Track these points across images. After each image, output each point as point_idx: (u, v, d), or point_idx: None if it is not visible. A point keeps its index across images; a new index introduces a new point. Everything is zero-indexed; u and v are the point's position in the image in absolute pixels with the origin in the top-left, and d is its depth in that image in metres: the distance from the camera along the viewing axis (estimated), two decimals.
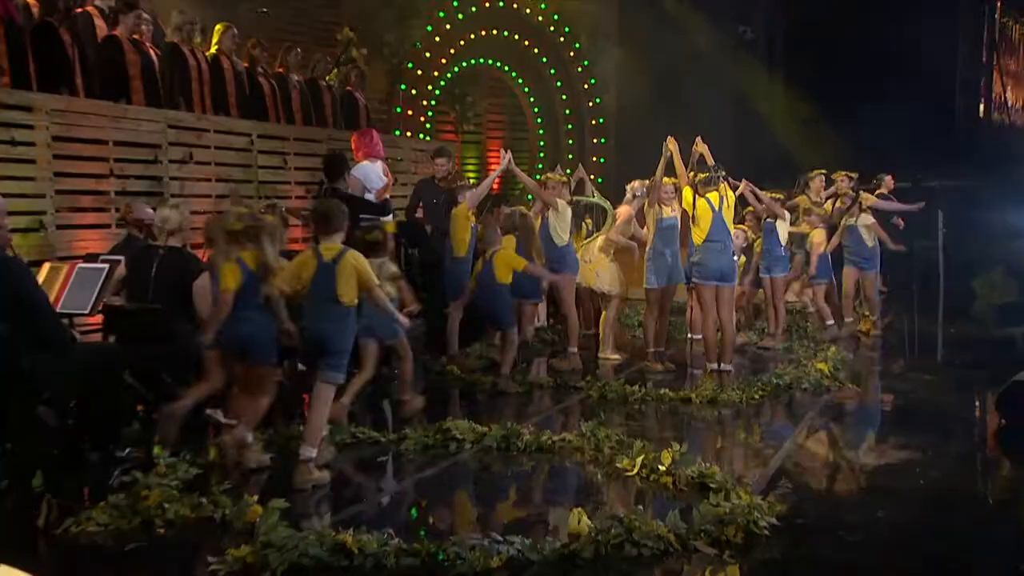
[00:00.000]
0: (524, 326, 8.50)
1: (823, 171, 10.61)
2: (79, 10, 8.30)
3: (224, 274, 5.34)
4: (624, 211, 8.95)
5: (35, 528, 4.45)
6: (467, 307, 8.60)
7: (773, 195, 9.44)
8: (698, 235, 7.83)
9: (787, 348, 9.25)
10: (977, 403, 7.09)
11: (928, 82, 16.25)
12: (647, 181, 8.72)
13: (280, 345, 6.76)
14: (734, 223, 8.29)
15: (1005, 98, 19.03)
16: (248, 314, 5.36)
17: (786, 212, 9.60)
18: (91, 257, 6.81)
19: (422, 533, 4.36)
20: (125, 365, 5.72)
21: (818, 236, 10.00)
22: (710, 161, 7.97)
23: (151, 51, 8.60)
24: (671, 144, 8.16)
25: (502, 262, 7.72)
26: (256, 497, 4.46)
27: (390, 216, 8.76)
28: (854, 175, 10.57)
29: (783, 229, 9.46)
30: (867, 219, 10.21)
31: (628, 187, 9.10)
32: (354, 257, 5.41)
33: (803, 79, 16.29)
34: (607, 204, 9.07)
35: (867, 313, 10.45)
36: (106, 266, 6.16)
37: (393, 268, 6.89)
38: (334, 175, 8.15)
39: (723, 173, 7.89)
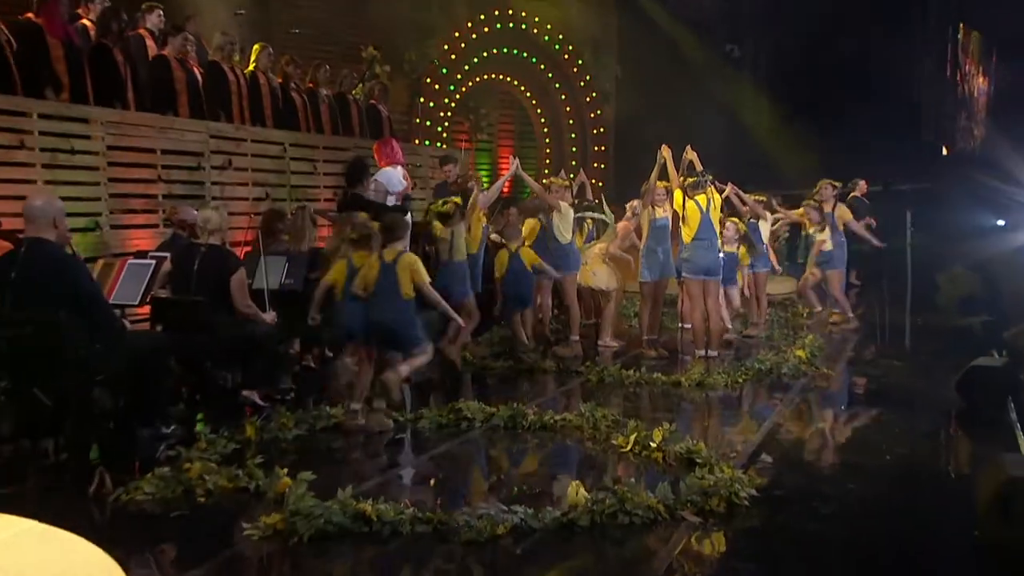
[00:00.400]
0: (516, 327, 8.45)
1: (831, 181, 10.37)
2: (131, 32, 8.31)
3: (333, 269, 5.96)
4: (624, 227, 8.94)
5: (90, 497, 4.48)
6: (480, 298, 8.60)
7: (756, 198, 9.41)
8: (687, 234, 7.80)
9: (768, 336, 9.22)
10: (940, 386, 7.03)
11: (898, 95, 16.22)
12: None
13: (311, 333, 6.82)
14: (724, 220, 8.29)
15: (966, 109, 18.92)
16: (353, 305, 5.81)
17: (767, 213, 9.56)
18: (140, 254, 6.83)
19: (435, 503, 4.35)
20: (170, 351, 5.72)
21: (823, 234, 9.92)
22: (699, 167, 7.95)
23: (195, 69, 8.61)
24: (664, 151, 8.15)
25: (527, 255, 8.08)
26: (286, 470, 4.45)
27: (408, 214, 8.74)
28: (838, 184, 10.41)
29: (765, 229, 9.41)
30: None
31: (628, 206, 9.08)
32: (410, 257, 5.85)
33: (785, 93, 16.25)
34: (611, 219, 9.07)
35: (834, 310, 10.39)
36: (153, 262, 6.16)
37: None
38: (354, 180, 8.16)
39: (710, 178, 7.87)
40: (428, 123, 13.79)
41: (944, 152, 18.22)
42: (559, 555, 3.85)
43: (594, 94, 16.31)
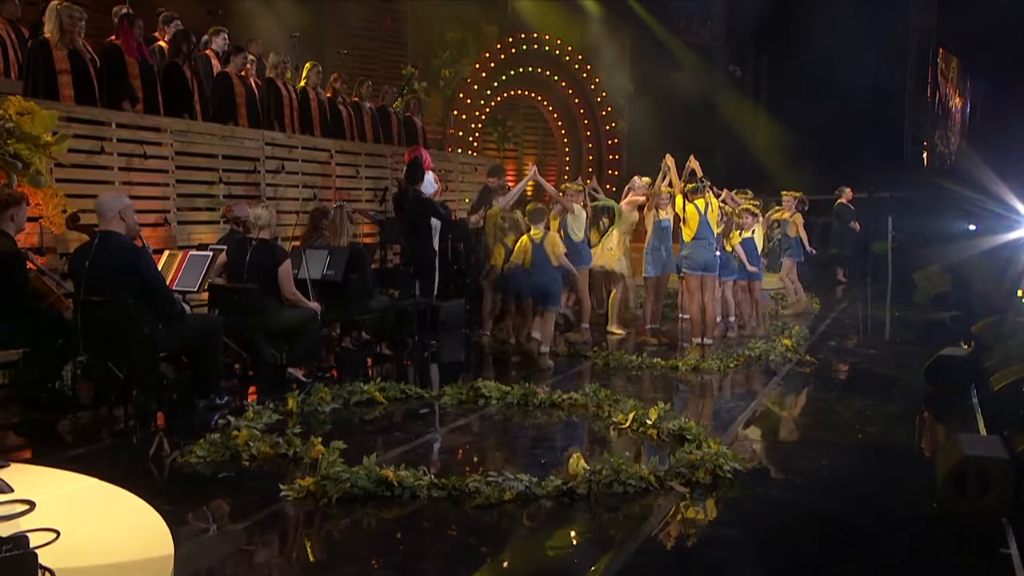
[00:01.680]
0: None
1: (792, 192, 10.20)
2: (199, 52, 8.37)
3: (494, 252, 7.68)
4: (629, 199, 8.84)
5: (151, 458, 4.53)
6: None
7: (751, 203, 9.27)
8: (687, 234, 7.73)
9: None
10: (910, 373, 6.92)
11: (883, 113, 15.99)
12: (647, 178, 8.70)
13: (350, 319, 6.85)
14: (727, 217, 8.22)
15: (944, 126, 18.60)
16: (518, 271, 7.07)
17: (760, 217, 9.42)
18: (201, 247, 6.88)
19: (451, 471, 4.35)
20: (225, 332, 5.76)
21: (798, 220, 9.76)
22: (699, 174, 7.86)
23: (253, 84, 8.65)
24: (669, 161, 8.09)
25: (551, 246, 7.24)
26: (320, 439, 4.47)
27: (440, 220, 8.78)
28: (798, 194, 10.20)
29: (759, 232, 9.28)
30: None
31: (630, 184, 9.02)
32: (552, 236, 7.26)
33: (782, 110, 16.05)
34: (613, 203, 8.97)
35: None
36: (211, 253, 6.19)
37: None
38: (414, 179, 8.24)
39: (707, 184, 7.78)
40: (460, 133, 13.77)
41: (923, 164, 17.93)
42: (559, 519, 3.83)
43: (609, 108, 16.21)
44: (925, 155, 18.14)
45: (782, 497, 4.17)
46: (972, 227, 14.51)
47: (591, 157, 16.35)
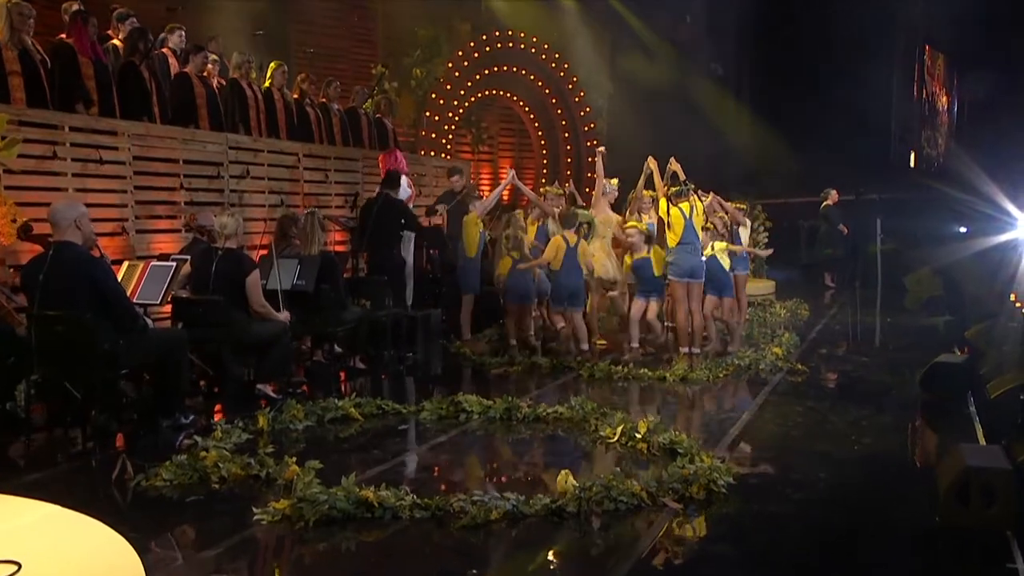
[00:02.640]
0: (526, 324, 8.44)
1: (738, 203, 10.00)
2: (156, 52, 8.28)
3: (499, 263, 8.31)
4: (604, 216, 8.82)
5: (113, 482, 4.46)
6: (479, 298, 8.61)
7: (737, 205, 9.33)
8: (672, 239, 7.75)
9: (748, 335, 9.17)
10: (905, 381, 7.01)
11: (869, 112, 16.18)
12: (615, 180, 8.75)
13: (322, 331, 6.81)
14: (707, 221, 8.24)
15: (931, 125, 18.89)
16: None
17: (747, 220, 9.50)
18: (163, 256, 6.80)
19: (434, 490, 4.33)
20: (190, 347, 5.70)
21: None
22: (682, 177, 7.90)
23: (215, 85, 8.58)
24: (651, 162, 8.13)
25: (583, 253, 7.97)
26: (295, 459, 4.43)
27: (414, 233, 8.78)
28: (743, 206, 9.95)
29: (744, 234, 9.35)
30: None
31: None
32: (583, 243, 7.91)
33: (765, 109, 16.21)
34: (590, 215, 8.99)
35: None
36: (174, 264, 6.13)
37: None
38: (392, 184, 8.34)
39: (692, 187, 7.82)
40: (433, 135, 13.74)
41: (911, 164, 18.20)
42: (549, 539, 3.82)
43: (588, 109, 16.25)
44: (913, 155, 18.42)
45: (780, 512, 4.19)
46: (963, 229, 14.74)
47: (569, 159, 16.39)
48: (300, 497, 3.96)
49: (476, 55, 14.44)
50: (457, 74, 14.20)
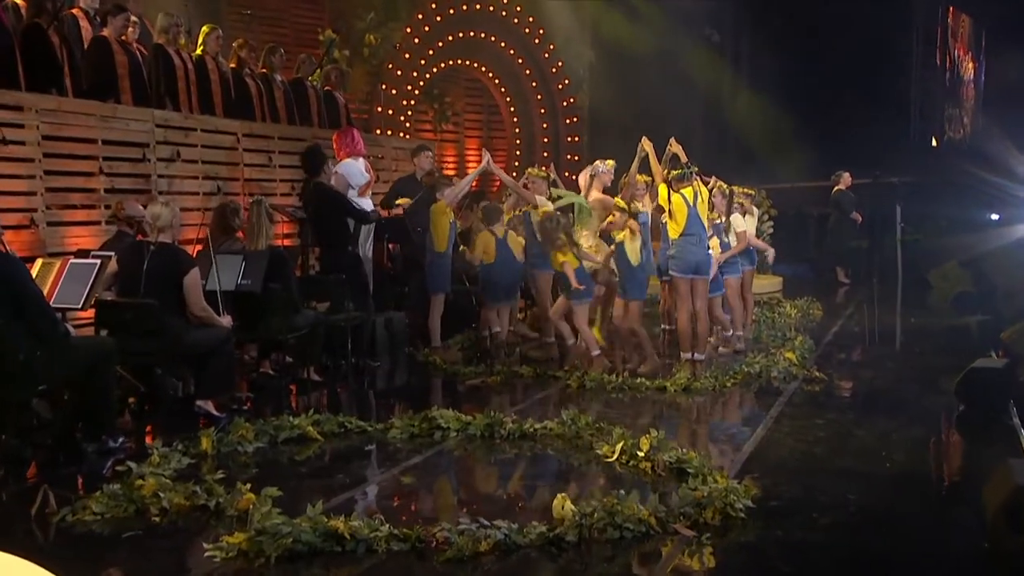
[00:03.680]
0: (503, 324, 8.50)
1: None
2: (66, 12, 8.17)
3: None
4: (598, 196, 8.87)
5: (32, 517, 4.39)
6: (449, 299, 8.63)
7: (744, 191, 9.42)
8: (674, 229, 7.80)
9: (756, 338, 9.28)
10: (937, 389, 7.13)
11: (885, 82, 16.37)
12: (611, 161, 8.79)
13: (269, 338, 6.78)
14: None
15: (956, 97, 19.15)
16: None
17: (754, 208, 9.61)
18: (82, 253, 6.72)
19: (412, 519, 4.33)
20: (117, 358, 5.64)
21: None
22: (684, 159, 7.95)
23: (138, 52, 8.48)
24: (646, 144, 8.14)
25: (516, 242, 8.39)
26: (249, 485, 4.41)
27: (371, 225, 8.73)
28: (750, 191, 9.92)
29: (751, 224, 9.45)
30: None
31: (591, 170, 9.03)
32: (513, 232, 8.35)
33: (767, 80, 16.33)
34: (579, 199, 9.00)
35: None
36: (97, 262, 6.05)
37: None
38: (314, 169, 8.15)
39: (695, 170, 7.88)
40: (390, 112, 13.70)
41: (934, 143, 18.46)
42: (546, 573, 3.84)
43: (567, 81, 16.31)
44: (936, 132, 18.67)
45: (806, 538, 4.25)
46: (994, 216, 15.01)
47: (546, 139, 16.45)
48: (258, 529, 3.94)
49: (439, 19, 14.43)
50: (417, 41, 14.18)
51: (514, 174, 12.00)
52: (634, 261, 7.81)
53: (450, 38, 14.66)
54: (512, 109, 16.34)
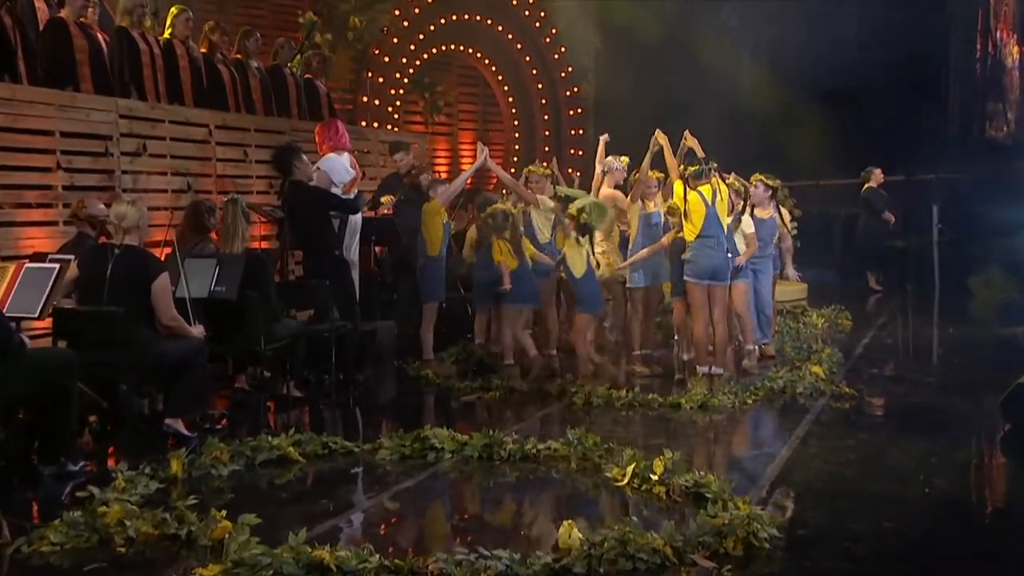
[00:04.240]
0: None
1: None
2: None
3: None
4: (608, 193, 8.90)
5: None
6: (443, 307, 8.64)
7: (766, 181, 9.38)
8: (690, 231, 7.81)
9: (779, 350, 9.28)
10: (981, 406, 7.14)
11: (920, 69, 16.36)
12: (624, 157, 8.82)
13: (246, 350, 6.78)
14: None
15: (1000, 85, 19.13)
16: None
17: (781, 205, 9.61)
18: (38, 256, 6.71)
19: (404, 548, 4.32)
20: (78, 372, 5.63)
21: None
22: (700, 154, 7.97)
23: (99, 35, 8.49)
24: (660, 137, 8.17)
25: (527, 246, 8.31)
26: (224, 512, 4.40)
27: (358, 215, 8.72)
28: (773, 183, 9.78)
29: (784, 218, 9.46)
30: None
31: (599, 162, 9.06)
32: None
33: (790, 68, 16.33)
34: (590, 198, 9.01)
35: None
36: (56, 266, 6.05)
37: None
38: (286, 167, 8.17)
39: (715, 165, 7.89)
40: (376, 102, 13.74)
41: (975, 134, 18.47)
42: None
43: (570, 69, 16.37)
44: (976, 123, 18.67)
45: (838, 569, 4.25)
46: None
47: (547, 133, 16.50)
48: (235, 561, 3.94)
49: (430, 0, 14.48)
50: (406, 24, 14.23)
51: (512, 171, 12.03)
52: (577, 271, 7.92)
53: (442, 21, 14.71)
54: (510, 100, 16.38)
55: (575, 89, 16.50)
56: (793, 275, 9.15)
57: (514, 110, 16.42)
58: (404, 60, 14.25)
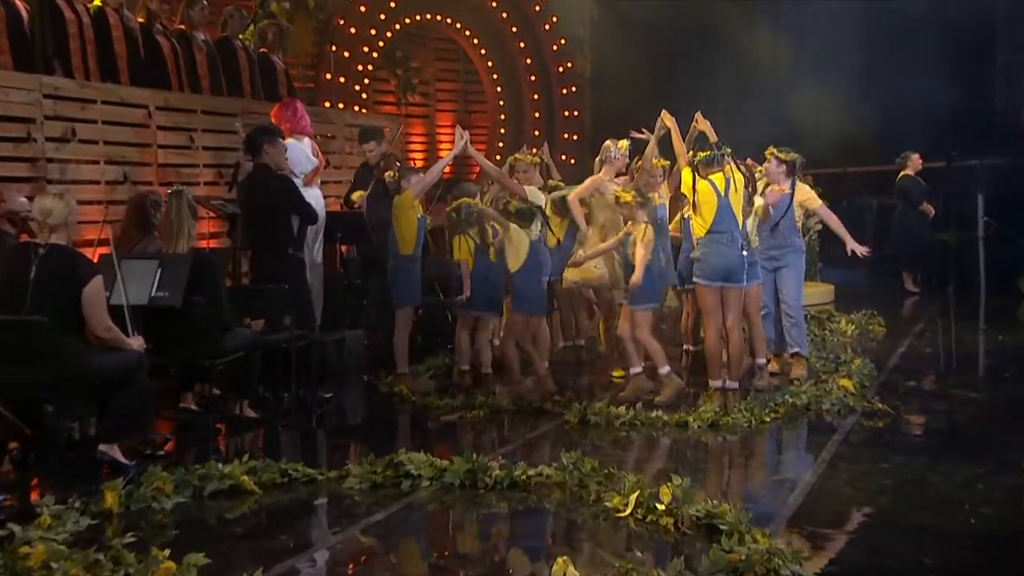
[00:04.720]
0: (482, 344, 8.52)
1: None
2: None
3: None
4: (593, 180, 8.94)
5: None
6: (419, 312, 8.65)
7: (781, 155, 9.39)
8: (700, 226, 7.82)
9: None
10: None
11: (962, 43, 16.42)
12: (624, 142, 8.85)
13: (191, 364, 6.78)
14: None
15: None
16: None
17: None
18: None
19: None
20: None
21: None
22: (713, 138, 7.97)
23: (17, 1, 8.46)
24: (667, 119, 8.17)
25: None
26: (167, 551, 4.39)
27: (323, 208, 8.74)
28: (786, 157, 9.72)
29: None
30: None
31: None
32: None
33: (814, 41, 16.41)
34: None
35: None
36: None
37: None
38: (256, 148, 8.11)
39: (728, 151, 7.90)
40: (341, 80, 13.76)
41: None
42: None
43: (563, 42, 16.40)
44: None
45: None
46: None
47: (537, 114, 16.52)
48: None
49: None
50: None
51: (498, 158, 12.04)
52: (512, 264, 8.15)
53: None
54: (495, 77, 16.41)
55: (569, 64, 16.53)
56: (860, 249, 8.97)
57: (499, 89, 16.44)
58: (373, 32, 14.27)
